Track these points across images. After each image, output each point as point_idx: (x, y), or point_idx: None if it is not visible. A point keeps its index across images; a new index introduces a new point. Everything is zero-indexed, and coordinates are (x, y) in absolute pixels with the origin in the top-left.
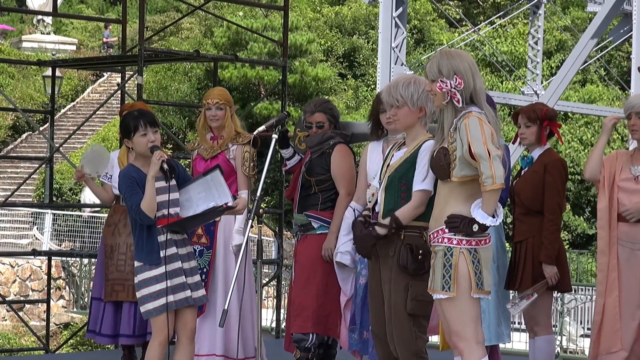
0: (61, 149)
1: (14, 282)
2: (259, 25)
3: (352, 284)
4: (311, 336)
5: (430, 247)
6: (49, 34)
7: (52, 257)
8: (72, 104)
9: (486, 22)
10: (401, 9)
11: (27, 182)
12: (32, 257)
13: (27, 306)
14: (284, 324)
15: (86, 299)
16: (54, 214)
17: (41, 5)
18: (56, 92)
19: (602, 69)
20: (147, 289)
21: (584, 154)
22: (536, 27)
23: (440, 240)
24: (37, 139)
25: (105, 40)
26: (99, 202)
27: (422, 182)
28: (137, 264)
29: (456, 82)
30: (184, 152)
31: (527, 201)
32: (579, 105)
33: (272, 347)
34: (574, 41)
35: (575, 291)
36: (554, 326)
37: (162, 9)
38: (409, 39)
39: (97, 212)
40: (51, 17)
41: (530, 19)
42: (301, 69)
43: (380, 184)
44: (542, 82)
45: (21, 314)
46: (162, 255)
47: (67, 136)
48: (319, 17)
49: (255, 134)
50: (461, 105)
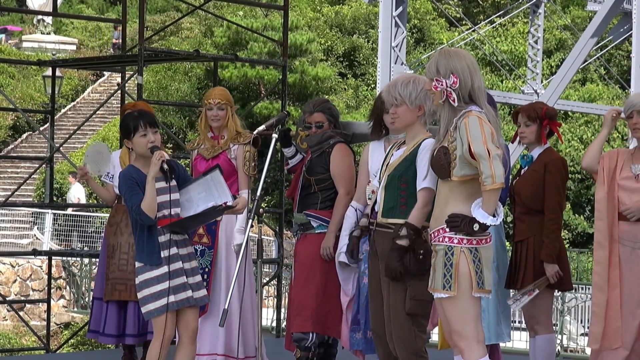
0: (61, 148)
1: (15, 282)
2: (259, 24)
3: (353, 284)
4: (311, 335)
5: (430, 247)
6: (49, 34)
7: (53, 257)
8: (73, 103)
9: (486, 21)
10: (401, 8)
11: (28, 182)
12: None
13: (28, 306)
14: (285, 324)
15: (87, 299)
16: (54, 214)
17: (41, 5)
18: (56, 92)
19: (602, 68)
20: (148, 290)
21: (584, 153)
22: (536, 26)
23: (441, 239)
24: (38, 139)
25: (115, 40)
26: (84, 201)
27: (423, 180)
28: (137, 264)
29: (451, 82)
30: (184, 152)
31: (527, 200)
32: (579, 104)
33: (273, 346)
34: (574, 40)
35: (575, 290)
36: (555, 325)
37: (162, 9)
38: (409, 38)
39: (80, 210)
40: (51, 17)
41: (530, 17)
42: (301, 68)
43: (380, 183)
44: (542, 81)
45: (22, 313)
46: (163, 255)
47: (67, 136)
48: (319, 17)
49: (255, 133)
50: (457, 104)
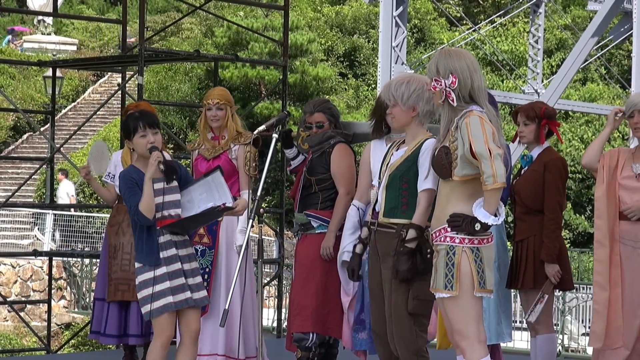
0: (62, 149)
1: (15, 282)
2: (259, 25)
3: (354, 283)
4: (311, 335)
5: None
6: (49, 34)
7: (53, 258)
8: (73, 104)
9: (486, 20)
10: (401, 8)
11: (28, 182)
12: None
13: (29, 306)
14: (285, 324)
15: (87, 299)
16: (55, 215)
17: (42, 5)
18: (57, 92)
19: (603, 68)
20: (147, 290)
21: (585, 150)
22: (536, 25)
23: (442, 239)
24: (38, 140)
25: (130, 41)
26: (74, 196)
27: (424, 180)
28: (137, 265)
29: (450, 82)
30: (185, 152)
31: (527, 200)
32: (580, 103)
33: (274, 346)
34: (574, 40)
35: (576, 290)
36: (556, 325)
37: (162, 9)
38: (410, 38)
39: (66, 210)
40: (52, 18)
41: (530, 17)
42: (302, 68)
43: (379, 183)
44: (542, 81)
45: (22, 314)
46: (162, 256)
47: (68, 137)
48: (320, 17)
49: (255, 133)
50: (456, 104)
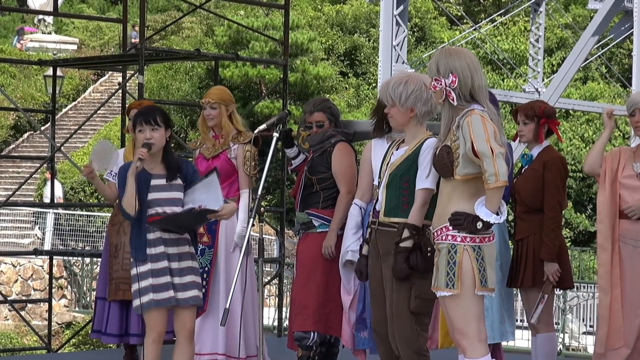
0: (62, 148)
1: (16, 281)
2: (259, 24)
3: (355, 282)
4: (312, 334)
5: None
6: (50, 33)
7: (54, 257)
8: (74, 103)
9: (487, 19)
10: (402, 7)
11: (29, 181)
12: (34, 256)
13: (29, 306)
14: (286, 323)
15: (88, 298)
16: (56, 214)
17: (42, 4)
18: (57, 91)
19: (604, 67)
20: (134, 285)
21: (585, 151)
22: (537, 24)
23: (444, 237)
24: (39, 139)
25: (133, 40)
26: (61, 195)
27: (424, 180)
28: (131, 259)
29: (450, 81)
30: (185, 151)
31: (527, 199)
32: (580, 102)
33: (274, 345)
34: (575, 39)
35: (577, 288)
36: (556, 323)
37: (162, 8)
38: (410, 37)
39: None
40: (52, 17)
41: (531, 16)
42: (302, 67)
43: (379, 183)
44: (543, 80)
45: (23, 313)
46: (148, 252)
47: (68, 136)
48: (320, 16)
49: (256, 132)
50: (457, 103)
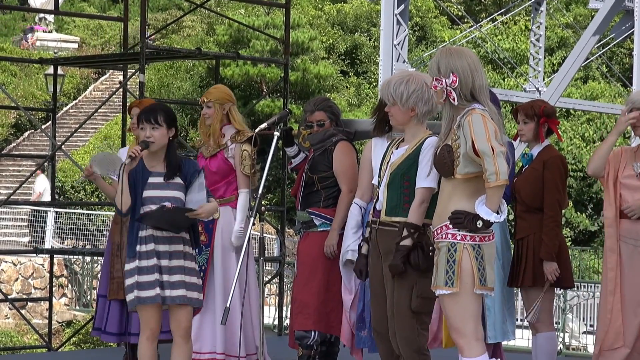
0: (63, 147)
1: (17, 280)
2: (260, 22)
3: (355, 281)
4: (313, 334)
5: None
6: (50, 32)
7: (55, 255)
8: (74, 102)
9: (488, 19)
10: (403, 6)
11: (29, 180)
12: (34, 255)
13: (30, 304)
14: (287, 322)
15: (88, 297)
16: (56, 212)
17: (43, 3)
18: (58, 90)
19: (604, 66)
20: (125, 282)
21: (586, 150)
22: (538, 23)
23: (444, 236)
24: (39, 137)
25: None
26: (47, 194)
27: (425, 178)
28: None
29: (450, 80)
30: (186, 150)
31: (527, 198)
32: (581, 102)
33: (275, 344)
34: (575, 38)
35: (577, 288)
36: (557, 323)
37: (163, 7)
38: (411, 36)
39: (36, 205)
40: (53, 15)
41: (532, 15)
42: (303, 66)
43: (379, 182)
44: (544, 79)
45: (23, 312)
46: (138, 249)
47: (69, 134)
48: (321, 15)
49: (256, 131)
50: (457, 102)
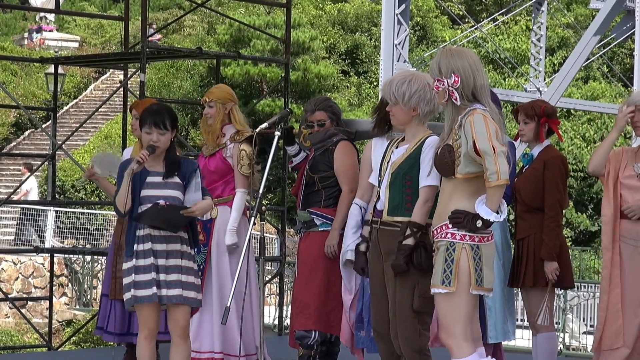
0: (64, 146)
1: (17, 279)
2: (261, 22)
3: (356, 282)
4: (313, 333)
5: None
6: (51, 31)
7: (55, 254)
8: (75, 101)
9: (489, 19)
10: (404, 6)
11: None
12: (35, 254)
13: (30, 303)
14: (287, 321)
15: (89, 296)
16: (57, 211)
17: (44, 2)
18: (59, 89)
19: (605, 66)
20: (123, 280)
21: (587, 150)
22: (539, 23)
23: (443, 235)
24: (40, 136)
25: (150, 39)
26: (35, 193)
27: (428, 177)
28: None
29: (452, 81)
30: (186, 149)
31: (527, 198)
32: (582, 102)
33: (275, 344)
34: (576, 38)
35: (578, 288)
36: (557, 323)
37: (164, 6)
38: (412, 36)
39: (23, 204)
40: (54, 14)
41: (532, 15)
42: (304, 66)
43: (380, 182)
44: (544, 79)
45: (24, 311)
46: (135, 248)
47: (69, 133)
48: (322, 14)
49: (257, 130)
50: (459, 103)
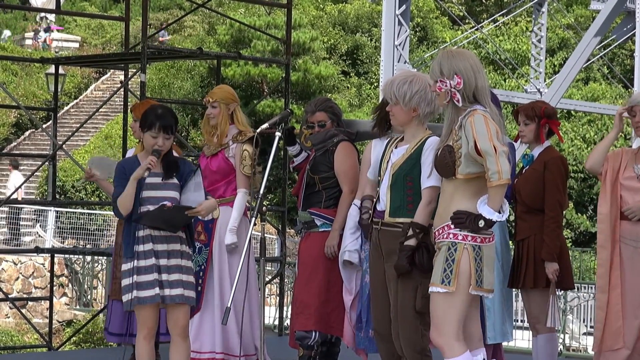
0: (64, 146)
1: (17, 279)
2: (261, 22)
3: (356, 282)
4: (314, 334)
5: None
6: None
7: (55, 255)
8: (75, 101)
9: (489, 19)
10: (404, 7)
11: (30, 179)
12: (35, 254)
13: (30, 303)
14: (287, 322)
15: (89, 296)
16: (57, 212)
17: (44, 2)
18: (59, 89)
19: (605, 67)
20: (122, 282)
21: (587, 151)
22: (539, 24)
23: (445, 236)
24: (40, 137)
25: (161, 39)
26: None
27: (430, 178)
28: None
29: (455, 82)
30: (186, 150)
31: (527, 199)
32: (582, 103)
33: (275, 344)
34: (577, 39)
35: (578, 289)
36: None
37: (165, 7)
38: (412, 36)
39: (24, 204)
40: (54, 15)
41: (533, 16)
42: (304, 66)
43: (380, 181)
44: (545, 80)
45: (24, 311)
46: (136, 250)
47: (70, 134)
48: (322, 15)
49: (258, 131)
50: (461, 104)
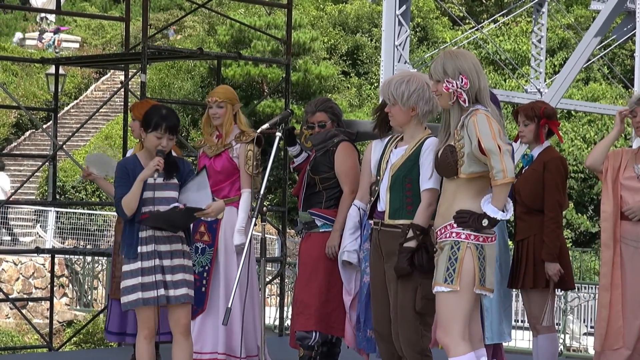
0: (64, 146)
1: (17, 279)
2: (262, 23)
3: (355, 282)
4: (314, 334)
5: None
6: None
7: (56, 255)
8: (76, 101)
9: (489, 20)
10: (404, 7)
11: (31, 179)
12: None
13: (30, 304)
14: (287, 322)
15: (89, 297)
16: (57, 212)
17: (44, 2)
18: (59, 90)
19: (606, 67)
20: (123, 282)
21: (587, 152)
22: (539, 25)
23: (448, 235)
24: (41, 137)
25: (170, 39)
26: (7, 191)
27: (429, 180)
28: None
29: (462, 82)
30: (187, 150)
31: (527, 199)
32: (582, 103)
33: (275, 344)
34: (577, 39)
35: (578, 289)
36: (557, 324)
37: (165, 7)
38: (412, 37)
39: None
40: (54, 15)
41: (533, 16)
42: (304, 67)
43: (379, 181)
44: (545, 80)
45: (24, 311)
46: (139, 250)
47: (70, 134)
48: (322, 15)
49: (259, 132)
50: (467, 104)
